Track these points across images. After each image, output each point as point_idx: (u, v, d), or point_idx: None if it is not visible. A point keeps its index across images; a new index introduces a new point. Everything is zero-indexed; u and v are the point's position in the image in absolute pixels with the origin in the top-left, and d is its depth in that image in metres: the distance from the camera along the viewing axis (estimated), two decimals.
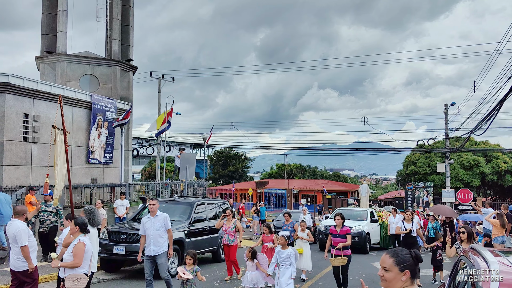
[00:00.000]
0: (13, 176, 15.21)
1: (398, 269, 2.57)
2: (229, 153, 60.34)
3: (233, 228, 10.00)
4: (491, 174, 38.10)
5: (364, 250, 15.57)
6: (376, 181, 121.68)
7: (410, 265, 2.59)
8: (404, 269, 2.57)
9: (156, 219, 7.74)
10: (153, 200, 7.92)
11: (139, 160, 59.41)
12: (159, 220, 7.73)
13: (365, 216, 17.07)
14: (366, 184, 22.33)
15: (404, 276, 2.56)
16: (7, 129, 15.10)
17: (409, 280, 2.57)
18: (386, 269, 2.61)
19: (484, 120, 16.23)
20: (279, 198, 48.28)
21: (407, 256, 2.62)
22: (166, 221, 7.78)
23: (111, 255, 10.01)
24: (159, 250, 7.64)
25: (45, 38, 21.19)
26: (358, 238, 15.42)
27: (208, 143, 29.30)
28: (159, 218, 7.76)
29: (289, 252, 7.72)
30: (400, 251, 2.68)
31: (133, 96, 23.08)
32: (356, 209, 19.66)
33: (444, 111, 29.58)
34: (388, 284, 2.60)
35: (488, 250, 3.34)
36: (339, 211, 18.64)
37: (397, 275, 2.57)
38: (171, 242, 7.87)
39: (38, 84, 16.44)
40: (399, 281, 2.56)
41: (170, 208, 11.95)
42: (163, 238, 7.70)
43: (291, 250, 7.82)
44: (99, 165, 19.31)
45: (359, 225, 15.86)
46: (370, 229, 16.37)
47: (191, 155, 17.37)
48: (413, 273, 2.59)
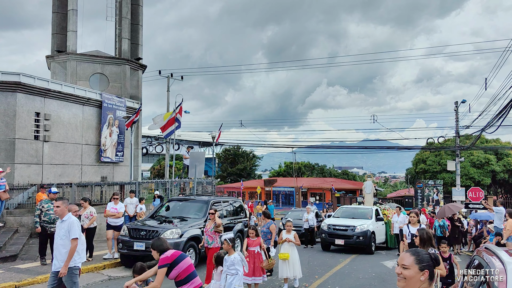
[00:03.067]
0: (25, 174, 15.38)
1: (418, 268, 2.57)
2: (237, 151, 60.40)
3: (212, 229, 9.11)
4: (502, 172, 37.65)
5: (369, 249, 15.14)
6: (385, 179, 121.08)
7: (429, 265, 2.60)
8: (424, 269, 2.57)
9: (62, 224, 6.20)
10: (58, 202, 6.26)
11: (148, 158, 59.75)
12: (63, 227, 6.15)
13: (370, 214, 16.49)
14: (370, 181, 21.17)
15: (423, 276, 2.56)
16: (19, 128, 15.26)
17: (427, 281, 2.57)
18: (406, 267, 2.60)
19: (496, 118, 16.05)
20: (288, 196, 48.22)
21: (427, 256, 2.64)
22: (71, 228, 6.09)
23: (132, 251, 10.55)
24: (60, 265, 6.05)
25: (55, 37, 21.36)
26: (363, 238, 14.93)
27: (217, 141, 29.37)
28: (65, 224, 6.16)
29: (232, 259, 6.67)
30: (420, 251, 2.70)
31: (143, 94, 23.20)
32: (360, 207, 18.78)
33: (455, 109, 29.34)
34: (406, 283, 2.58)
35: (503, 250, 3.30)
36: (342, 209, 18.39)
37: (416, 274, 2.56)
38: (69, 258, 5.97)
39: (49, 83, 16.58)
40: (418, 281, 2.56)
41: (187, 206, 12.32)
42: (66, 250, 6.05)
43: (236, 255, 6.72)
44: (109, 164, 19.45)
45: (363, 224, 15.33)
46: (375, 228, 15.82)
47: (200, 153, 17.40)
48: (431, 274, 2.59)
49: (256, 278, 8.29)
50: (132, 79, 22.14)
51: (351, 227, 15.16)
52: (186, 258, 5.12)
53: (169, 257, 4.95)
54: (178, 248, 10.24)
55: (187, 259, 5.11)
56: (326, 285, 9.71)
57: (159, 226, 10.88)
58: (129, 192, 15.66)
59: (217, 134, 27.66)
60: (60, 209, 6.22)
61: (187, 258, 5.12)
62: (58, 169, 16.87)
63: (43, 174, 16.17)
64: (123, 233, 11.03)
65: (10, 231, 13.17)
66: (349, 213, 17.12)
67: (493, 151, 38.19)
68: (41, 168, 16.15)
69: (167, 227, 10.71)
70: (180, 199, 13.46)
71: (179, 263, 4.97)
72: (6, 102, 15.07)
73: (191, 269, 5.08)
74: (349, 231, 15.12)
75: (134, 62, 22.31)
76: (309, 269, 11.51)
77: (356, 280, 10.34)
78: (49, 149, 16.44)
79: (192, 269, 5.09)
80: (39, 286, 8.88)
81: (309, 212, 17.70)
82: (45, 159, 16.30)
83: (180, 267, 4.97)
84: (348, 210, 17.85)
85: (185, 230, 10.61)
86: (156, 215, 12.34)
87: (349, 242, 15.01)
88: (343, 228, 15.32)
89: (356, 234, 14.94)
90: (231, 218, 12.99)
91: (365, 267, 12.06)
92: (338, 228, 15.44)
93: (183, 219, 11.50)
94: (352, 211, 17.43)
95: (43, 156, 16.23)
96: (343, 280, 10.26)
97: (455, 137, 29.96)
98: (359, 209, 17.82)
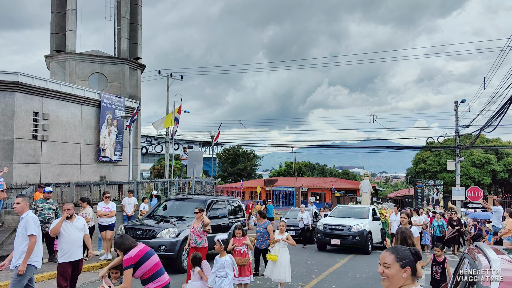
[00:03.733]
0: (23, 173, 15.39)
1: (399, 266, 2.55)
2: (238, 151, 60.38)
3: (201, 228, 8.87)
4: (503, 172, 37.59)
5: (366, 250, 14.77)
6: (386, 179, 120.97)
7: (410, 261, 2.57)
8: (405, 266, 2.54)
9: (21, 221, 6.06)
10: (18, 198, 6.18)
11: (148, 158, 59.78)
12: (21, 224, 6.03)
13: (367, 213, 16.18)
14: (367, 180, 20.76)
15: (405, 273, 2.53)
16: (17, 127, 15.27)
17: (410, 277, 2.55)
18: (387, 265, 2.58)
19: (494, 117, 16.02)
20: (288, 196, 48.20)
21: (408, 253, 2.60)
22: (27, 225, 5.95)
23: None
24: (16, 263, 5.89)
25: (54, 37, 21.37)
26: (359, 238, 14.65)
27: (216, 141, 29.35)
28: (23, 221, 6.04)
29: (223, 261, 6.54)
30: (400, 248, 2.67)
31: (142, 94, 23.23)
32: (357, 206, 18.40)
33: (454, 108, 29.30)
34: (390, 281, 2.56)
35: (491, 248, 3.29)
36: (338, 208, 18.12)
37: (398, 272, 2.54)
38: (27, 255, 5.85)
39: (48, 83, 16.59)
40: (400, 279, 2.53)
41: (184, 205, 12.27)
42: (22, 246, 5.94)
43: (227, 258, 6.61)
44: (108, 163, 19.46)
45: (360, 224, 15.00)
46: (371, 227, 15.50)
47: (199, 152, 17.38)
48: (413, 270, 2.57)
49: (243, 279, 8.11)
50: (131, 79, 22.15)
51: (347, 226, 14.93)
52: (153, 256, 5.01)
53: (133, 257, 4.82)
54: (175, 248, 10.23)
55: (153, 257, 5.01)
56: (323, 284, 9.70)
57: (156, 225, 10.87)
58: (127, 192, 15.67)
59: (216, 133, 27.65)
60: (20, 205, 6.11)
61: (153, 256, 5.02)
62: (56, 169, 16.88)
63: (41, 174, 16.19)
64: (119, 232, 10.98)
65: (8, 230, 13.18)
66: (345, 213, 16.92)
67: (493, 151, 38.14)
68: (40, 168, 16.16)
69: (164, 226, 10.70)
70: (178, 198, 13.41)
71: (143, 263, 4.85)
72: (4, 101, 15.09)
73: (158, 267, 4.98)
74: (345, 231, 14.88)
75: (133, 61, 22.32)
76: (307, 268, 11.50)
77: (353, 279, 10.33)
78: (47, 148, 16.46)
79: (158, 267, 4.98)
80: (36, 285, 8.87)
81: (303, 211, 17.44)
82: (44, 158, 16.31)
83: (145, 266, 4.85)
84: (344, 210, 17.62)
85: (182, 229, 10.59)
86: (153, 214, 12.34)
87: (345, 242, 14.80)
88: (339, 227, 15.08)
89: (352, 234, 14.71)
90: (229, 217, 12.99)
91: (363, 266, 12.05)
92: (334, 227, 15.21)
93: (181, 218, 11.48)
94: (349, 211, 17.15)
95: (42, 156, 16.24)
96: (340, 279, 10.25)
97: (455, 137, 29.92)
98: (356, 208, 17.54)
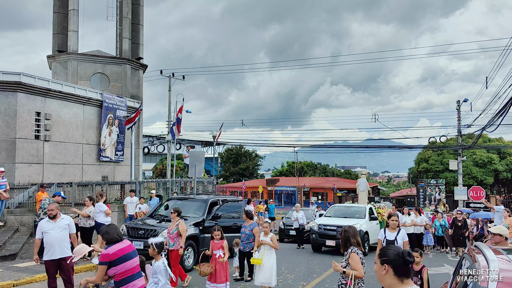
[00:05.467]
0: (25, 173, 15.45)
1: (379, 262, 2.66)
2: (240, 150, 60.43)
3: (175, 230, 8.38)
4: (505, 171, 37.45)
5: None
6: (388, 179, 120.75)
7: (391, 260, 2.59)
8: (383, 263, 2.61)
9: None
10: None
11: (150, 158, 59.89)
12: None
13: (364, 213, 15.57)
14: (364, 178, 19.95)
15: (384, 270, 2.59)
16: (19, 128, 15.32)
17: (393, 277, 2.56)
18: (375, 261, 2.76)
19: (496, 117, 15.98)
20: (290, 196, 48.19)
21: (391, 252, 2.63)
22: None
23: None
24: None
25: (56, 37, 21.43)
26: None
27: (218, 140, 29.39)
28: None
29: (156, 267, 5.96)
30: (391, 247, 2.74)
31: (144, 94, 23.28)
32: (353, 205, 17.58)
33: (457, 108, 29.25)
34: (377, 276, 2.70)
35: (489, 248, 3.29)
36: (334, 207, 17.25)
37: (379, 268, 2.64)
38: None
39: (50, 83, 16.64)
40: (381, 275, 2.63)
41: (186, 204, 12.30)
42: None
43: (159, 263, 6.02)
44: (110, 163, 19.50)
45: (356, 224, 14.02)
46: (368, 227, 14.84)
47: (200, 152, 17.40)
48: (397, 270, 2.56)
49: (218, 285, 7.58)
50: (133, 79, 22.20)
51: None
52: (131, 259, 4.67)
53: (110, 255, 4.54)
54: None
55: (133, 260, 4.69)
56: (324, 284, 9.71)
57: (157, 225, 10.91)
58: (129, 192, 15.68)
59: (218, 133, 27.68)
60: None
61: (132, 259, 4.68)
62: (58, 169, 16.93)
63: (43, 174, 16.24)
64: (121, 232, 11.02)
65: (11, 230, 13.25)
66: (341, 212, 16.43)
67: (495, 150, 38.03)
68: (42, 168, 16.22)
69: (165, 226, 10.72)
70: (180, 198, 13.46)
71: (119, 265, 4.56)
72: (7, 101, 15.14)
73: (133, 272, 4.65)
74: None
75: (135, 61, 22.36)
76: (308, 268, 11.50)
77: None
78: (49, 148, 16.50)
79: (134, 271, 4.66)
80: (37, 284, 8.93)
81: (298, 211, 17.13)
82: (46, 158, 16.36)
83: (118, 268, 4.56)
84: (340, 209, 17.03)
85: None
86: (155, 214, 12.40)
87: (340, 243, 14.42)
88: (334, 228, 14.45)
89: None
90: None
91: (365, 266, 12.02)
92: (329, 228, 14.64)
93: (182, 218, 11.49)
94: (345, 210, 16.58)
95: (44, 156, 16.29)
96: None
97: (457, 136, 29.85)
98: (352, 207, 16.89)
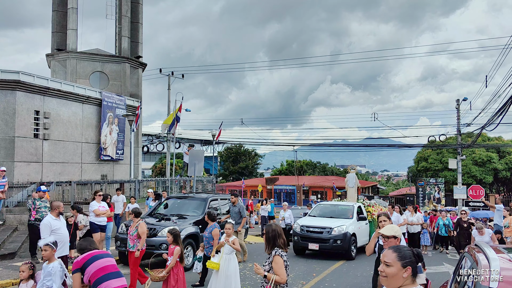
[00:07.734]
0: (24, 172, 15.42)
1: (400, 265, 2.53)
2: (239, 149, 60.41)
3: (135, 232, 7.93)
4: (504, 170, 37.51)
5: (349, 254, 12.76)
6: (387, 178, 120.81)
7: (412, 262, 2.56)
8: (407, 265, 2.53)
9: None
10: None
11: (150, 157, 59.82)
12: None
13: (351, 212, 14.10)
14: (353, 173, 18.18)
15: (406, 273, 2.52)
16: (18, 126, 15.30)
17: (410, 277, 2.53)
18: (388, 264, 2.56)
19: (496, 116, 15.97)
20: (289, 195, 48.20)
21: (409, 253, 2.60)
22: None
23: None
24: None
25: (55, 35, 21.39)
26: (341, 241, 12.56)
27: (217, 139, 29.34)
28: None
29: (50, 268, 5.22)
30: (402, 247, 2.66)
31: (144, 93, 23.26)
32: (341, 203, 15.85)
33: (456, 107, 29.22)
34: (389, 280, 2.54)
35: (490, 247, 3.28)
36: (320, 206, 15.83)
37: (399, 271, 2.52)
38: None
39: (49, 82, 16.61)
40: (400, 278, 2.51)
41: (185, 203, 12.29)
42: None
43: (55, 264, 5.28)
44: (109, 162, 19.48)
45: (342, 225, 12.94)
46: (356, 228, 13.49)
47: (200, 151, 17.38)
48: (414, 271, 2.55)
49: None
50: (132, 77, 22.17)
51: (327, 229, 12.83)
52: (99, 260, 4.45)
53: (79, 261, 4.35)
54: None
55: (100, 261, 4.47)
56: (323, 282, 9.70)
57: (157, 224, 10.89)
58: (115, 190, 14.91)
59: (217, 132, 27.63)
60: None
61: (100, 260, 4.47)
62: (58, 167, 16.91)
63: (42, 172, 16.22)
64: (120, 230, 11.01)
65: (10, 229, 13.22)
66: (327, 211, 14.96)
67: (495, 149, 38.06)
68: (41, 166, 16.19)
69: (165, 225, 10.71)
70: (179, 196, 13.44)
71: (87, 267, 4.37)
72: (5, 100, 15.11)
73: (103, 272, 4.41)
74: (324, 234, 12.78)
75: (134, 60, 22.33)
76: (307, 267, 11.49)
77: (354, 278, 10.32)
78: (48, 147, 16.48)
79: (104, 272, 4.41)
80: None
81: (285, 210, 16.71)
82: (45, 157, 16.34)
83: (88, 271, 4.35)
84: (326, 207, 15.48)
85: (183, 227, 10.61)
86: (154, 212, 12.37)
87: (324, 246, 12.71)
88: (318, 230, 13.00)
89: (333, 238, 12.67)
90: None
91: (364, 265, 12.02)
92: (312, 230, 13.11)
93: (182, 216, 11.50)
94: (331, 209, 15.07)
95: (43, 154, 16.26)
96: (341, 278, 10.24)
97: (457, 135, 29.85)
98: (339, 206, 15.36)
